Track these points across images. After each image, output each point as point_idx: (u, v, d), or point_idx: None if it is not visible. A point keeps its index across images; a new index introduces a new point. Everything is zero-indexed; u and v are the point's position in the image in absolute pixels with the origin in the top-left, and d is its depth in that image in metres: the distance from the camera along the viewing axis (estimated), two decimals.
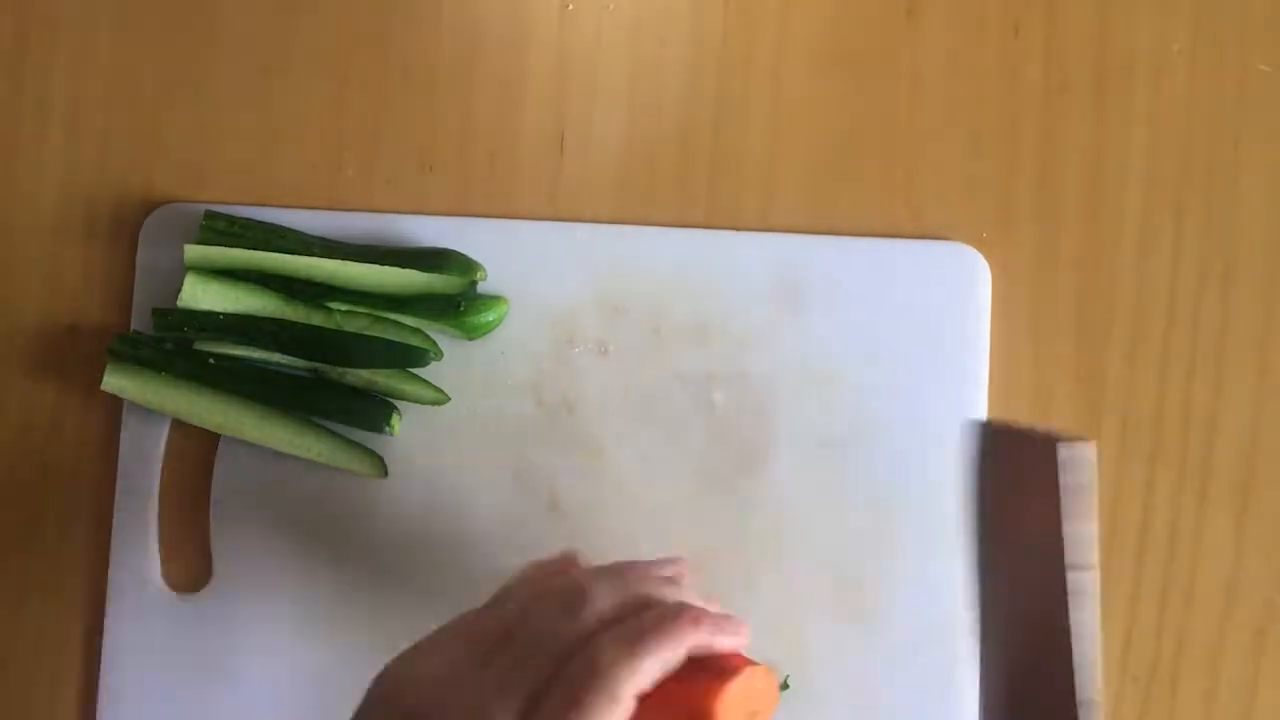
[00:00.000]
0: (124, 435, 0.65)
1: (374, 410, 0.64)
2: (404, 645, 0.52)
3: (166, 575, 0.65)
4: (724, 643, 0.49)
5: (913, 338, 0.64)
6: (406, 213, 0.66)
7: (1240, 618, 0.62)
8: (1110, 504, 0.63)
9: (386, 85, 0.67)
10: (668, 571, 0.52)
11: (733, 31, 0.67)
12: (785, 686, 0.62)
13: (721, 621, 0.49)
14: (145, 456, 0.65)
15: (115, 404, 0.65)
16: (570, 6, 0.67)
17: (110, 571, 0.65)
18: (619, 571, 0.51)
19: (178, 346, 0.64)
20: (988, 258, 0.65)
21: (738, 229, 0.65)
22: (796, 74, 0.67)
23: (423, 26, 0.68)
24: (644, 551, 0.62)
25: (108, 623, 0.64)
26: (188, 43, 0.68)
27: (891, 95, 0.66)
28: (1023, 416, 0.64)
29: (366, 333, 0.64)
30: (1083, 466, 0.49)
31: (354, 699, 0.62)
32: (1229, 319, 0.64)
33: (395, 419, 0.64)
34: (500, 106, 0.67)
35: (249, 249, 0.64)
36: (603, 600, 0.49)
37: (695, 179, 0.66)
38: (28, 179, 0.67)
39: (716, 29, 0.67)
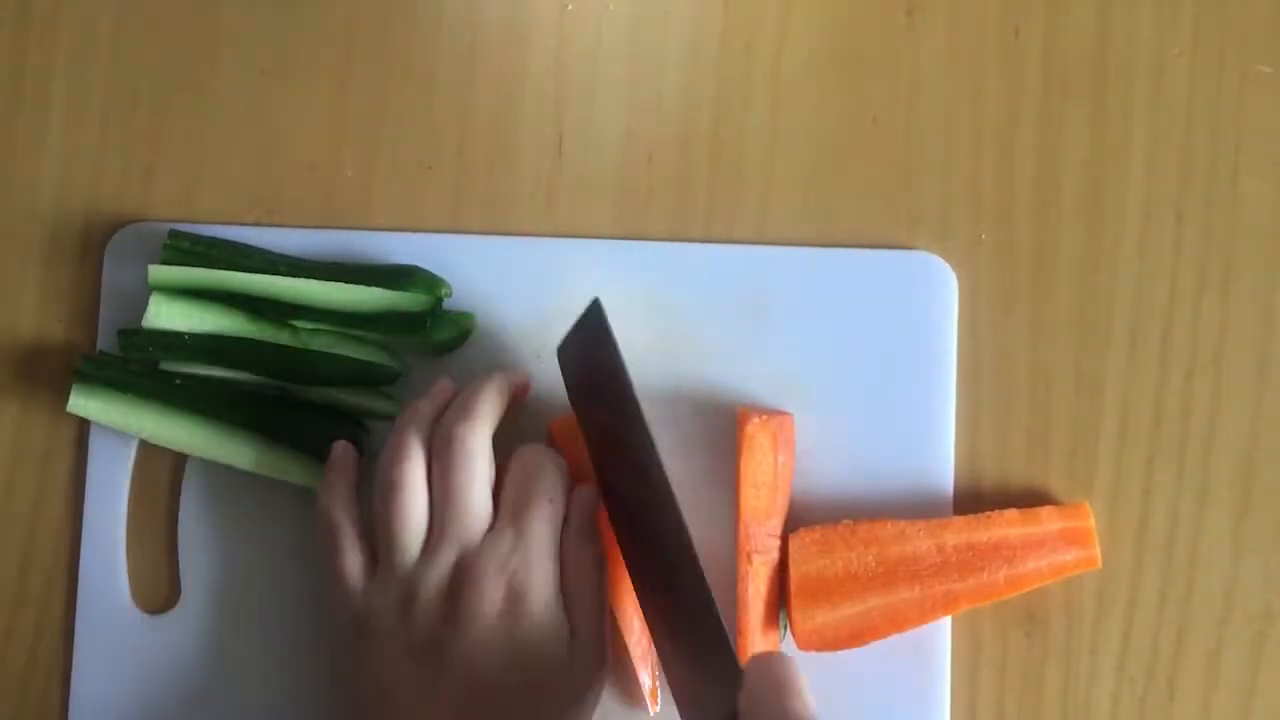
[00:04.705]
0: (91, 455, 0.65)
1: (341, 428, 0.64)
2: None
3: (135, 595, 0.64)
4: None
5: (880, 349, 0.64)
6: (376, 229, 0.66)
7: (1239, 620, 0.62)
8: (1108, 506, 0.63)
9: (386, 85, 0.67)
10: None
11: (732, 33, 0.67)
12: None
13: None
14: (112, 477, 0.65)
15: (82, 424, 0.65)
16: (570, 7, 0.68)
17: (79, 592, 0.64)
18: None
19: (143, 367, 0.64)
20: (987, 258, 0.65)
21: (734, 230, 0.65)
22: (796, 75, 0.66)
23: (423, 26, 0.68)
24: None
25: (76, 643, 0.64)
26: (186, 46, 0.68)
27: (891, 96, 0.66)
28: (1020, 416, 0.63)
29: (332, 350, 0.63)
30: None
31: (325, 717, 0.62)
32: (1229, 321, 0.64)
33: (362, 436, 0.64)
34: (499, 107, 0.67)
35: (213, 268, 0.64)
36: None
37: (695, 179, 0.66)
38: (20, 195, 0.68)
39: (716, 30, 0.67)
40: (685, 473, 0.63)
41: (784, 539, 0.62)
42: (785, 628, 0.62)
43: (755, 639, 0.60)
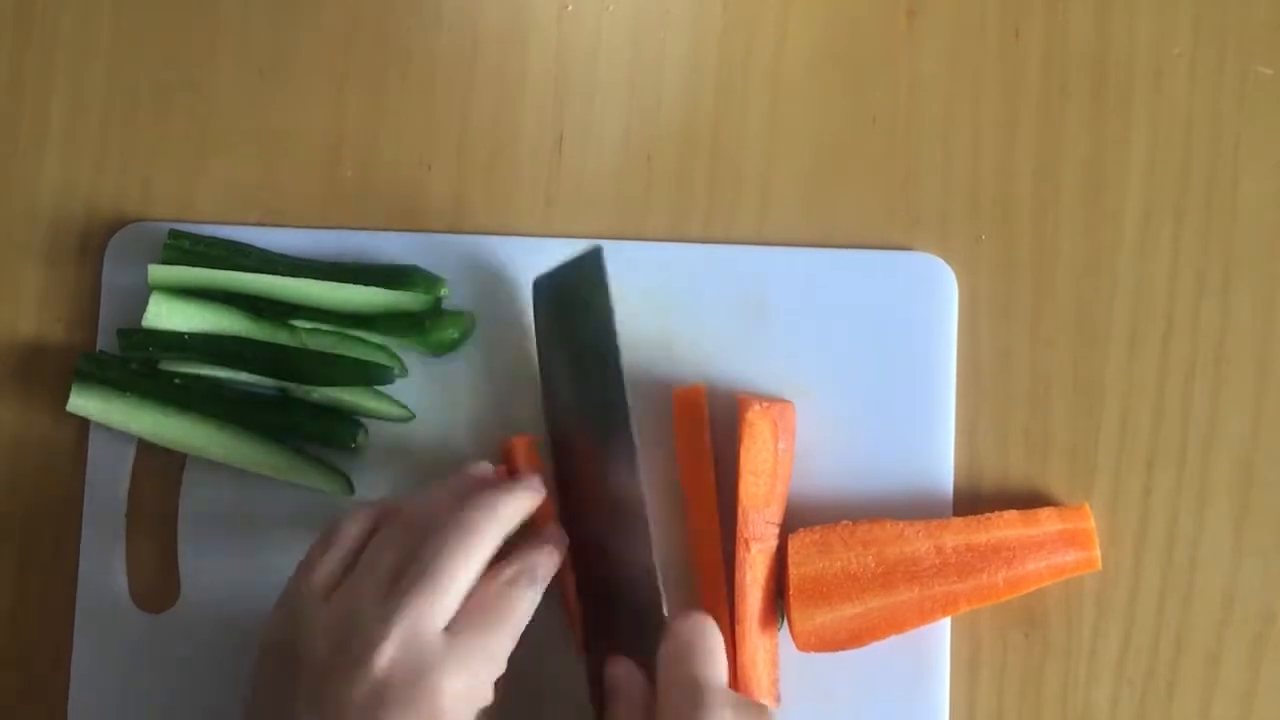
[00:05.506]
0: (90, 455, 0.65)
1: (340, 428, 0.64)
2: None
3: (134, 594, 0.64)
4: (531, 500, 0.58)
5: (879, 350, 0.64)
6: (376, 229, 0.66)
7: (1238, 622, 0.62)
8: (1108, 508, 0.63)
9: (386, 85, 0.67)
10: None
11: (732, 34, 0.67)
12: None
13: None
14: (112, 476, 0.65)
15: (82, 423, 0.65)
16: (570, 7, 0.68)
17: (78, 591, 0.65)
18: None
19: (143, 367, 0.64)
20: (987, 259, 0.64)
21: (734, 230, 0.65)
22: (796, 75, 0.66)
23: (423, 27, 0.68)
24: None
25: (76, 642, 0.64)
26: (185, 46, 0.68)
27: (891, 97, 0.66)
28: (1019, 417, 0.63)
29: (331, 350, 0.64)
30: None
31: None
32: (1228, 323, 0.64)
33: (361, 436, 0.64)
34: (499, 106, 0.67)
35: (213, 268, 0.64)
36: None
37: (694, 179, 0.66)
38: (20, 195, 0.68)
39: (716, 30, 0.67)
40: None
41: (782, 530, 0.62)
42: (783, 617, 0.62)
43: (752, 626, 0.60)
